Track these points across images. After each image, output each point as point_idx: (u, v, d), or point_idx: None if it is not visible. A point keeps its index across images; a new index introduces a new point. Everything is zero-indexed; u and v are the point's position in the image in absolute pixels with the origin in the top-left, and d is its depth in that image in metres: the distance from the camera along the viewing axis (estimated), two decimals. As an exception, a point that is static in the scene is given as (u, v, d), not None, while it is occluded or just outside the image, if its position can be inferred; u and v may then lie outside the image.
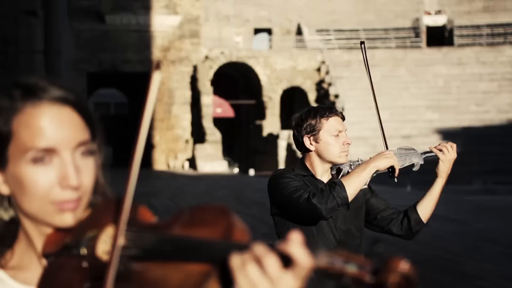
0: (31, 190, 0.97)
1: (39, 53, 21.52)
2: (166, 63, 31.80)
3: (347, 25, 38.46)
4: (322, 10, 40.29)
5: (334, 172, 2.86)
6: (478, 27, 36.44)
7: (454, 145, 2.70)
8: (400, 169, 2.73)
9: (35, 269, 1.04)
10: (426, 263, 7.86)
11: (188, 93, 32.41)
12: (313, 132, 2.79)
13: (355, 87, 31.30)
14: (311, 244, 0.96)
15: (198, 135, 31.90)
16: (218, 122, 35.44)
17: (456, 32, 36.86)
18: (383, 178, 3.14)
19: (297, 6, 40.07)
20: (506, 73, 32.15)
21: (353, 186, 2.61)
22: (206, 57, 32.90)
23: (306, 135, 2.82)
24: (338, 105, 30.08)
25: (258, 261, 0.79)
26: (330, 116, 2.80)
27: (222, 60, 33.17)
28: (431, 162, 2.76)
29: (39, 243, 1.02)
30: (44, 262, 1.01)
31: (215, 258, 0.84)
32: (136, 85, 31.93)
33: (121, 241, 0.89)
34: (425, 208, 2.79)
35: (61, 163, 0.97)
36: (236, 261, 0.80)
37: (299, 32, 38.35)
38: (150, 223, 0.96)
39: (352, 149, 2.83)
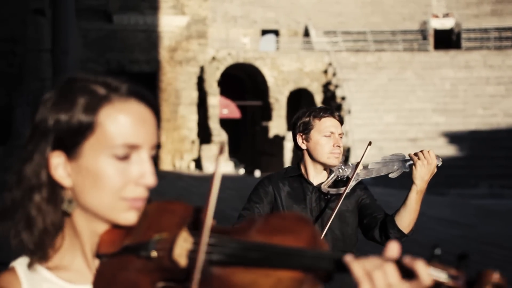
0: (107, 185, 0.94)
1: (46, 52, 21.57)
2: (173, 63, 31.85)
3: (355, 27, 38.41)
4: (330, 12, 40.26)
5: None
6: (485, 30, 36.33)
7: (432, 152, 2.54)
8: (384, 175, 2.73)
9: (78, 269, 1.01)
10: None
11: (194, 94, 32.42)
12: (305, 131, 2.79)
13: (362, 89, 31.27)
14: None
15: (204, 135, 31.90)
16: (225, 123, 35.44)
17: (464, 35, 36.76)
18: (387, 181, 3.14)
19: (305, 8, 40.06)
20: (513, 77, 32.06)
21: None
22: (213, 58, 32.92)
23: (298, 134, 2.81)
24: (345, 107, 30.05)
25: (381, 270, 0.81)
26: (324, 117, 2.78)
27: (229, 61, 33.18)
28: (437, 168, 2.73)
29: (88, 243, 1.00)
30: (94, 262, 0.99)
31: (308, 266, 0.85)
32: (143, 85, 31.89)
33: (205, 246, 0.88)
34: (403, 219, 2.61)
35: (140, 161, 0.96)
36: (358, 269, 0.82)
37: (306, 33, 38.32)
38: (223, 229, 0.95)
39: (359, 151, 2.83)
